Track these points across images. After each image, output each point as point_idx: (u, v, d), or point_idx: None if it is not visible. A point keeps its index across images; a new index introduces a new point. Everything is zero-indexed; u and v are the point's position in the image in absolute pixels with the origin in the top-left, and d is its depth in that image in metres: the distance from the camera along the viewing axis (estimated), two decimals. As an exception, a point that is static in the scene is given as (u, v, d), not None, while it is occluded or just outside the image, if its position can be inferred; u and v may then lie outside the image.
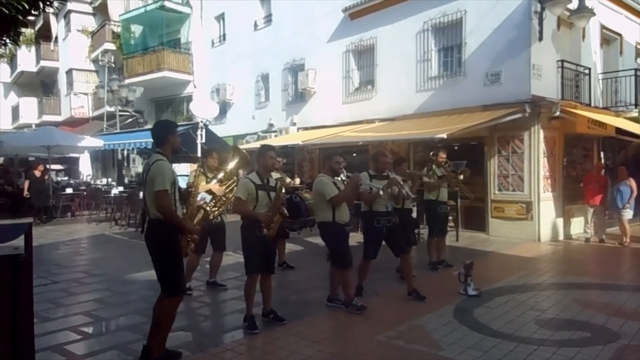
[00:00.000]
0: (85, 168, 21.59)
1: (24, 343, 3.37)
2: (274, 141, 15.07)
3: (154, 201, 3.88)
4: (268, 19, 17.46)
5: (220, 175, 5.95)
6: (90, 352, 4.44)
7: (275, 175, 5.86)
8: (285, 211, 4.90)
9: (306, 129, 15.46)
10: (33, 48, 28.18)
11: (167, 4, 20.37)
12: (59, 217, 15.06)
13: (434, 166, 7.66)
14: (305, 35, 15.65)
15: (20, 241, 3.46)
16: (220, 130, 17.49)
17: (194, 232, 4.13)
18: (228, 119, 18.93)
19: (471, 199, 8.62)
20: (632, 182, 10.28)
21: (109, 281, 7.07)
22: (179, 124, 18.02)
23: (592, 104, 11.84)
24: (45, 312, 5.47)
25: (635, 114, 11.73)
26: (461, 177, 7.73)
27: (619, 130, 11.08)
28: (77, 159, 21.74)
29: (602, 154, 12.57)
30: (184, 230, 4.03)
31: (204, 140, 13.23)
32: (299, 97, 16.13)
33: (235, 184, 6.00)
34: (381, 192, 5.52)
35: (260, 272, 4.95)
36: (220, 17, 19.77)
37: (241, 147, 14.55)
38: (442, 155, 7.63)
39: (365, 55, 14.18)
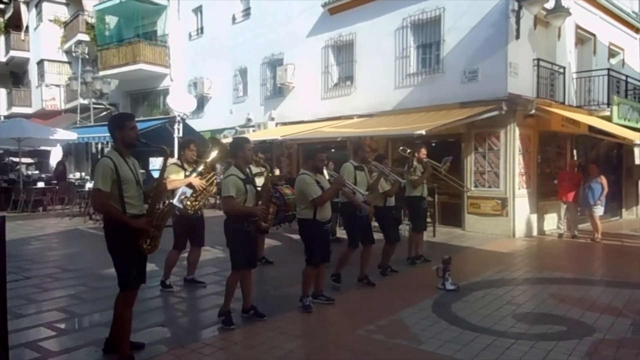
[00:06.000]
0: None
1: (-3, 340, 3.28)
2: (252, 136, 14.96)
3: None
4: (246, 12, 17.30)
5: (200, 167, 5.85)
6: (65, 348, 4.34)
7: (255, 169, 5.81)
8: (276, 200, 4.83)
9: (284, 124, 15.39)
10: (2, 37, 27.36)
11: (143, -5, 20.04)
12: (29, 211, 14.68)
13: (415, 163, 7.72)
14: (284, 29, 15.56)
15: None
16: (197, 125, 17.28)
17: (141, 229, 3.86)
18: (205, 113, 18.73)
19: (468, 190, 8.72)
20: (603, 180, 10.52)
21: (84, 276, 6.91)
22: (155, 117, 17.75)
23: (566, 103, 12.08)
24: (18, 308, 5.32)
25: (607, 113, 12.01)
26: (443, 170, 7.83)
27: (591, 129, 11.34)
28: (49, 152, 21.25)
29: (575, 151, 12.83)
30: (130, 228, 3.83)
31: (180, 135, 13.04)
32: (278, 92, 16.04)
33: (215, 176, 5.91)
34: (362, 196, 5.72)
35: (247, 267, 4.89)
36: (198, 10, 19.52)
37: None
38: (424, 152, 7.69)
39: (344, 51, 14.18)
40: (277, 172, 8.88)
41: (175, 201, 5.57)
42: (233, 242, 4.84)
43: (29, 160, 22.49)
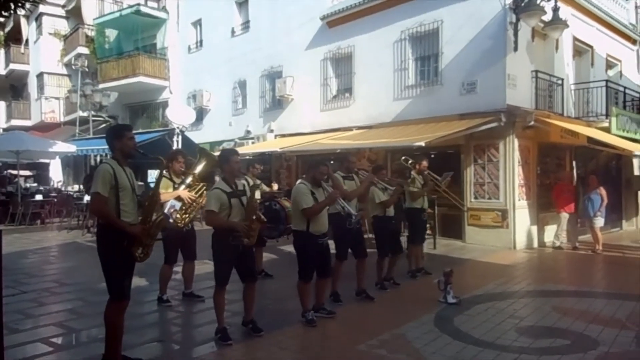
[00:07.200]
0: (56, 174, 21.07)
1: (-8, 357, 3.22)
2: (251, 148, 14.98)
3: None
4: (245, 25, 17.38)
5: (189, 179, 5.79)
6: (62, 365, 4.27)
7: (252, 182, 5.75)
8: (262, 216, 4.73)
9: (284, 136, 15.40)
10: (2, 50, 27.45)
11: (143, 9, 20.15)
12: (27, 224, 14.60)
13: (413, 174, 7.70)
14: (283, 42, 15.63)
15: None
16: (196, 137, 17.28)
17: (137, 236, 3.91)
18: (205, 125, 18.73)
19: (463, 208, 8.67)
20: (603, 191, 10.51)
21: (81, 291, 6.84)
22: (154, 130, 17.77)
23: (565, 114, 12.10)
24: (14, 323, 5.24)
25: (606, 124, 12.02)
26: (443, 185, 7.82)
27: (590, 140, 11.33)
28: (48, 164, 21.21)
29: (574, 163, 12.82)
30: (127, 234, 3.87)
31: (180, 147, 13.04)
32: (277, 104, 16.07)
33: (205, 188, 5.84)
34: (353, 218, 5.69)
35: (227, 284, 4.79)
36: (197, 23, 19.61)
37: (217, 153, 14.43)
38: (424, 164, 7.67)
39: (343, 63, 14.22)
40: (275, 186, 8.80)
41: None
42: (216, 256, 4.77)
43: (27, 172, 22.43)
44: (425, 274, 7.74)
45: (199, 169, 5.82)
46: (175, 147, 12.91)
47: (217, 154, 6.05)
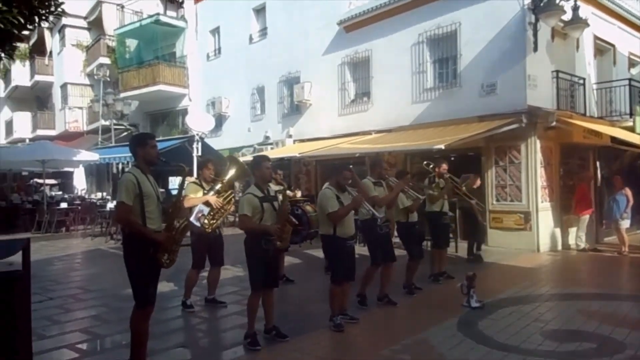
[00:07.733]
0: (80, 182, 21.45)
1: (21, 362, 3.29)
2: (270, 153, 15.03)
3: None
4: (263, 32, 17.52)
5: (218, 186, 5.87)
6: (88, 370, 4.34)
7: (275, 187, 5.80)
8: (294, 219, 4.81)
9: (302, 141, 15.44)
10: (27, 63, 28.12)
11: (162, 19, 20.44)
12: (53, 232, 14.89)
13: (436, 178, 7.65)
14: (300, 48, 15.70)
15: (16, 257, 3.39)
16: (216, 143, 17.43)
17: (163, 243, 3.95)
18: (224, 131, 18.90)
19: (482, 209, 8.63)
20: (628, 192, 10.31)
21: (106, 297, 6.95)
22: (174, 137, 17.95)
23: (587, 114, 11.90)
24: (42, 329, 5.35)
25: (630, 124, 11.79)
26: (463, 188, 7.77)
27: (614, 140, 11.12)
28: (72, 173, 21.60)
29: (597, 163, 12.59)
30: (151, 242, 3.91)
31: (199, 154, 13.17)
32: (295, 109, 16.13)
33: (233, 195, 5.94)
34: (379, 222, 5.76)
35: (264, 286, 4.85)
36: (216, 31, 19.82)
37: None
38: (444, 167, 7.63)
39: (360, 68, 14.22)
40: (298, 194, 8.84)
41: (192, 219, 5.59)
42: (250, 260, 4.82)
43: (52, 181, 22.88)
44: (447, 277, 7.66)
45: (228, 176, 5.89)
46: (195, 154, 13.04)
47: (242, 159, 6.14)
